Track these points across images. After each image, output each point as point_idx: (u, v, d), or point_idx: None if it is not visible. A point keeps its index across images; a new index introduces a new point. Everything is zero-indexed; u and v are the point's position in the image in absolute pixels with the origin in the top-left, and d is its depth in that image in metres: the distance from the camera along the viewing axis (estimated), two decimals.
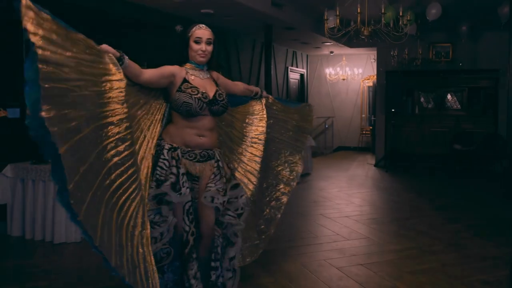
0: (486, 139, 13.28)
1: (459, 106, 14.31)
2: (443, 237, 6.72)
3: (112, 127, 3.06)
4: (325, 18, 9.32)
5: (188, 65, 3.95)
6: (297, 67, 18.17)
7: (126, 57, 3.38)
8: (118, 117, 3.12)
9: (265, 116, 4.78)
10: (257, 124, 4.74)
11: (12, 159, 6.79)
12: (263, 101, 4.82)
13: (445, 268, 5.45)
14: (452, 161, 13.61)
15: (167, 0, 9.19)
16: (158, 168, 3.70)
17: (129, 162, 3.20)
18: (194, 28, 3.91)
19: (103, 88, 3.00)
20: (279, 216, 5.07)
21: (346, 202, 9.19)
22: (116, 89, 3.13)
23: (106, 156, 2.98)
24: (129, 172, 3.18)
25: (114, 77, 3.14)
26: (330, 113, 19.41)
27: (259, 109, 4.78)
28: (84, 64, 2.80)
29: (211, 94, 3.89)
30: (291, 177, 5.29)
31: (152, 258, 3.31)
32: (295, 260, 5.73)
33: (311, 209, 8.64)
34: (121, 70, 3.24)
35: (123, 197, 3.11)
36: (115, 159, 3.06)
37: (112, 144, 3.05)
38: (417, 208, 8.64)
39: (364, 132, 18.99)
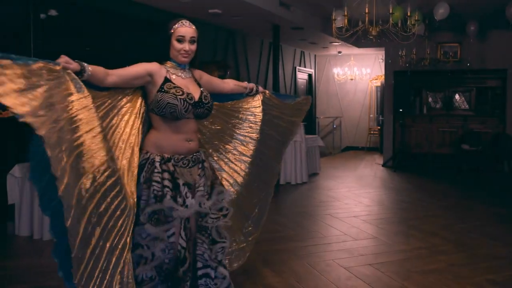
0: (494, 139, 13.28)
1: (467, 106, 14.29)
2: (451, 237, 6.71)
3: (91, 151, 2.89)
4: (333, 18, 9.33)
5: (168, 63, 3.59)
6: (305, 67, 18.17)
7: (88, 67, 3.06)
8: (93, 137, 2.92)
9: (261, 113, 4.43)
10: (251, 121, 4.40)
11: (20, 159, 6.81)
12: (260, 97, 4.45)
13: (453, 268, 5.44)
14: (460, 161, 13.59)
15: (174, 0, 9.20)
16: (155, 184, 3.38)
17: (114, 178, 3.03)
18: (177, 24, 3.54)
19: (71, 112, 2.78)
20: (265, 217, 4.70)
21: (354, 202, 9.18)
22: (84, 107, 2.88)
23: (98, 182, 2.89)
24: (115, 191, 3.03)
25: (76, 96, 2.85)
26: (338, 113, 19.41)
27: (255, 105, 4.43)
28: (52, 93, 2.67)
29: (196, 96, 3.56)
30: (275, 174, 4.88)
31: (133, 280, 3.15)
32: (303, 260, 5.72)
33: (319, 209, 8.63)
34: (82, 89, 2.90)
35: (119, 222, 3.04)
36: (99, 180, 2.91)
37: (99, 167, 2.91)
38: (425, 208, 8.63)
39: (372, 132, 18.97)
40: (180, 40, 3.51)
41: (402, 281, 5.00)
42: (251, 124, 4.40)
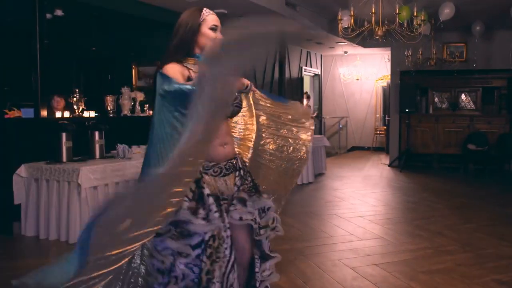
0: (500, 139, 13.24)
1: (473, 106, 14.27)
2: (457, 237, 6.69)
3: None
4: (339, 18, 9.31)
5: (190, 60, 3.18)
6: (311, 67, 18.16)
7: None
8: None
9: (254, 113, 3.95)
10: (246, 123, 3.93)
11: (26, 159, 6.80)
12: (251, 95, 3.94)
13: (460, 268, 5.43)
14: (466, 161, 13.56)
15: (180, 0, 9.20)
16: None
17: None
18: (206, 13, 3.33)
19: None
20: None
21: (360, 202, 9.17)
22: None
23: None
24: None
25: None
26: (344, 113, 19.41)
27: (246, 104, 3.90)
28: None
29: None
30: (294, 179, 4.25)
31: None
32: (310, 260, 5.72)
33: (325, 209, 8.63)
34: None
35: None
36: None
37: None
38: (432, 208, 8.61)
39: (378, 132, 18.96)
40: (215, 28, 3.26)
41: (408, 281, 4.98)
42: (246, 126, 3.93)
